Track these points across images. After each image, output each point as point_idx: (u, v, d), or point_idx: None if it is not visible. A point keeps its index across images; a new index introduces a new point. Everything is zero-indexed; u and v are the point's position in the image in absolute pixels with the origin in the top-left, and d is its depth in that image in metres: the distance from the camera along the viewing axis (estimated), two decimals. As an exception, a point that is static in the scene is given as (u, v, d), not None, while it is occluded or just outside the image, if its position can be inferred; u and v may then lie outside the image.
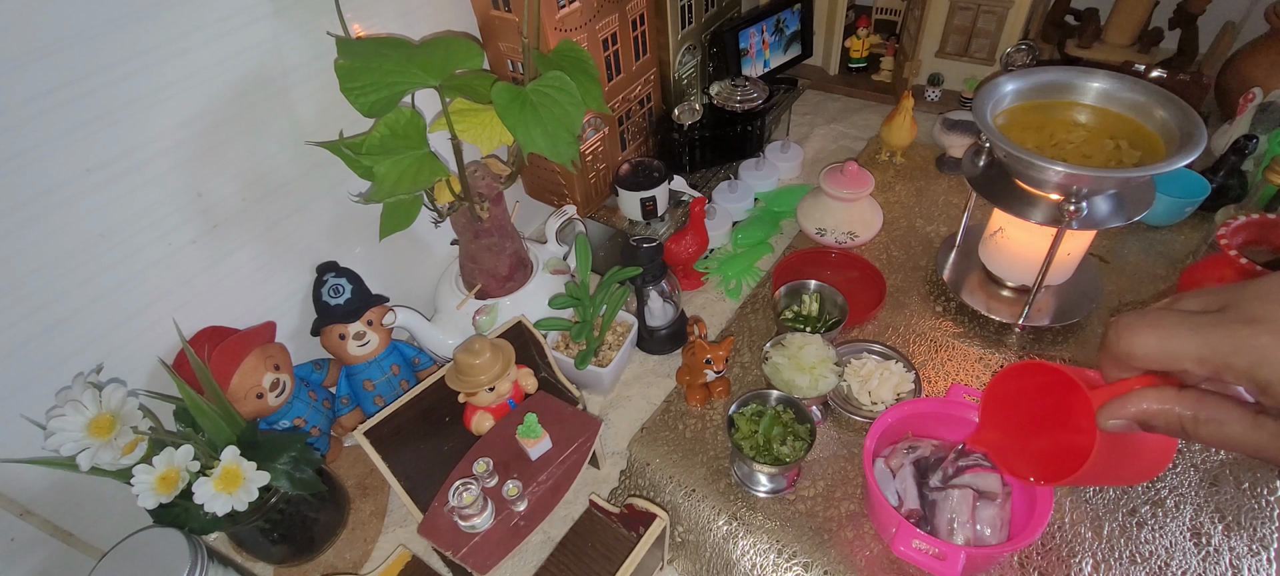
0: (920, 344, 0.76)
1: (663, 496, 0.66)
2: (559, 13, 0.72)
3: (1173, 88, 0.66)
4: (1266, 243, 0.68)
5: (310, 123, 0.66)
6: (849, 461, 0.65)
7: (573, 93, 0.56)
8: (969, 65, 1.12)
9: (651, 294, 0.76)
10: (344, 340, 0.69)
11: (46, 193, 0.51)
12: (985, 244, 0.79)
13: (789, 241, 0.94)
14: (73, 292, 0.56)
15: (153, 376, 0.63)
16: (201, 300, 0.64)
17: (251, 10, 0.59)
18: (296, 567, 0.66)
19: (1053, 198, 0.65)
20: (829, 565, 0.58)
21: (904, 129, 0.99)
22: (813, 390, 0.64)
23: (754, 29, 1.00)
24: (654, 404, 0.75)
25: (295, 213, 0.69)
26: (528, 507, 0.58)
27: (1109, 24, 1.09)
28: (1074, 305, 0.76)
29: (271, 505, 0.58)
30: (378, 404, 0.72)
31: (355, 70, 0.53)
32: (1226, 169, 0.84)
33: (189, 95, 0.57)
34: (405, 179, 0.55)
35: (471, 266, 0.75)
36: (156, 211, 0.59)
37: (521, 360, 0.70)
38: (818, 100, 1.25)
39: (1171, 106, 0.63)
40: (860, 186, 0.87)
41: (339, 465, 0.74)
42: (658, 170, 0.83)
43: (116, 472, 0.53)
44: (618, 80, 0.85)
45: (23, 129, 0.49)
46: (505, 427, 0.64)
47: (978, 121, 0.65)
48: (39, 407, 0.54)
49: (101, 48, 0.51)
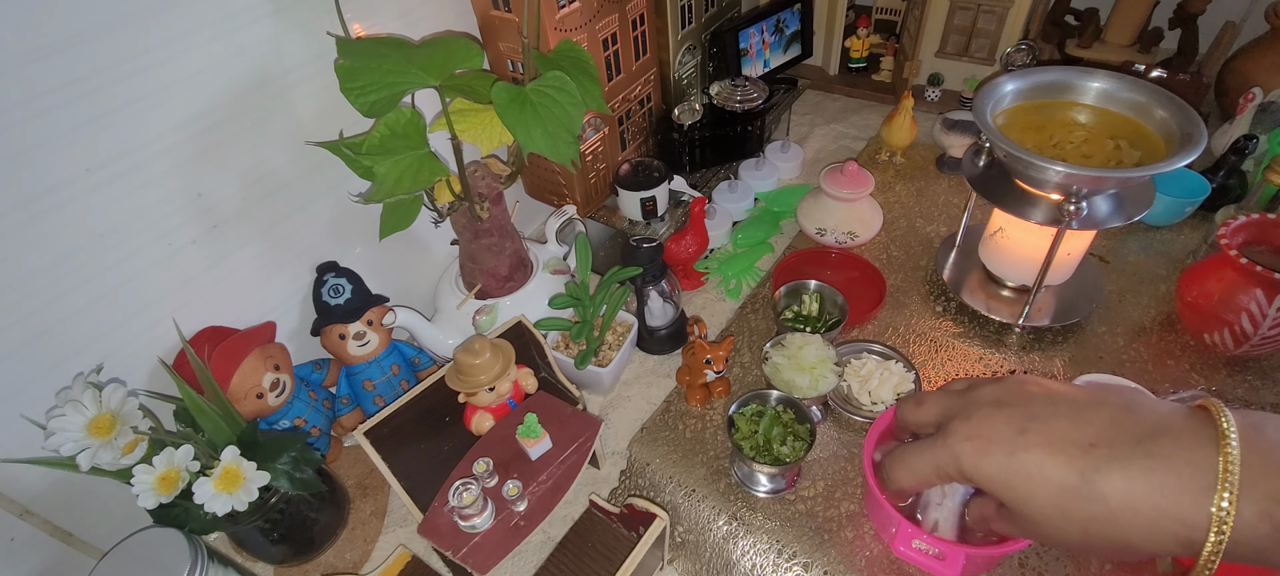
0: (920, 344, 0.76)
1: (663, 496, 0.66)
2: (559, 13, 0.72)
3: (1173, 88, 0.65)
4: (1266, 243, 0.68)
5: (310, 123, 0.66)
6: (849, 461, 0.65)
7: (573, 93, 0.56)
8: (969, 65, 1.12)
9: (651, 294, 0.76)
10: (344, 340, 0.69)
11: (47, 192, 0.51)
12: (985, 244, 0.79)
13: (789, 241, 0.94)
14: (73, 292, 0.56)
15: (153, 376, 0.63)
16: (201, 300, 0.64)
17: (251, 10, 0.59)
18: (296, 567, 0.66)
19: (1053, 198, 0.65)
20: (829, 565, 0.58)
21: (904, 129, 0.99)
22: (813, 390, 0.64)
23: (754, 29, 1.00)
24: (654, 404, 0.75)
25: (295, 213, 0.69)
26: (528, 507, 0.58)
27: (1109, 24, 1.09)
28: (1074, 305, 0.76)
29: (271, 505, 0.58)
30: (378, 404, 0.72)
31: (355, 70, 0.53)
32: (1226, 169, 0.84)
33: (189, 95, 0.57)
34: (405, 179, 0.55)
35: (471, 266, 0.75)
36: (156, 211, 0.59)
37: (521, 360, 0.70)
38: (818, 100, 1.25)
39: (1171, 106, 0.63)
40: (860, 186, 0.87)
41: (339, 465, 0.74)
42: (658, 170, 0.83)
43: (116, 472, 0.53)
44: (618, 80, 0.85)
45: (23, 128, 0.49)
46: (505, 427, 0.64)
47: (978, 121, 0.65)
48: (39, 407, 0.54)
49: (102, 48, 0.51)
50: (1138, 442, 0.33)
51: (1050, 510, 0.35)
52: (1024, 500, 0.36)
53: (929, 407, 0.44)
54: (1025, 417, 0.37)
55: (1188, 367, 0.70)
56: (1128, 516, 0.32)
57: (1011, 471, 0.36)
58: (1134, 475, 0.32)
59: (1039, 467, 0.35)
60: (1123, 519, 0.32)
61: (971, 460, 0.38)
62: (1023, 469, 0.35)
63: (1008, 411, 0.38)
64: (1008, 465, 0.36)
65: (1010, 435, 0.36)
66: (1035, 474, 0.35)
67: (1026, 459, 0.35)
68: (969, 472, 0.38)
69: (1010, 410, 0.38)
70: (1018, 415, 0.37)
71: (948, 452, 0.39)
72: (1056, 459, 0.34)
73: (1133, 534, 0.32)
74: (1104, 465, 0.33)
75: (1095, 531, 0.34)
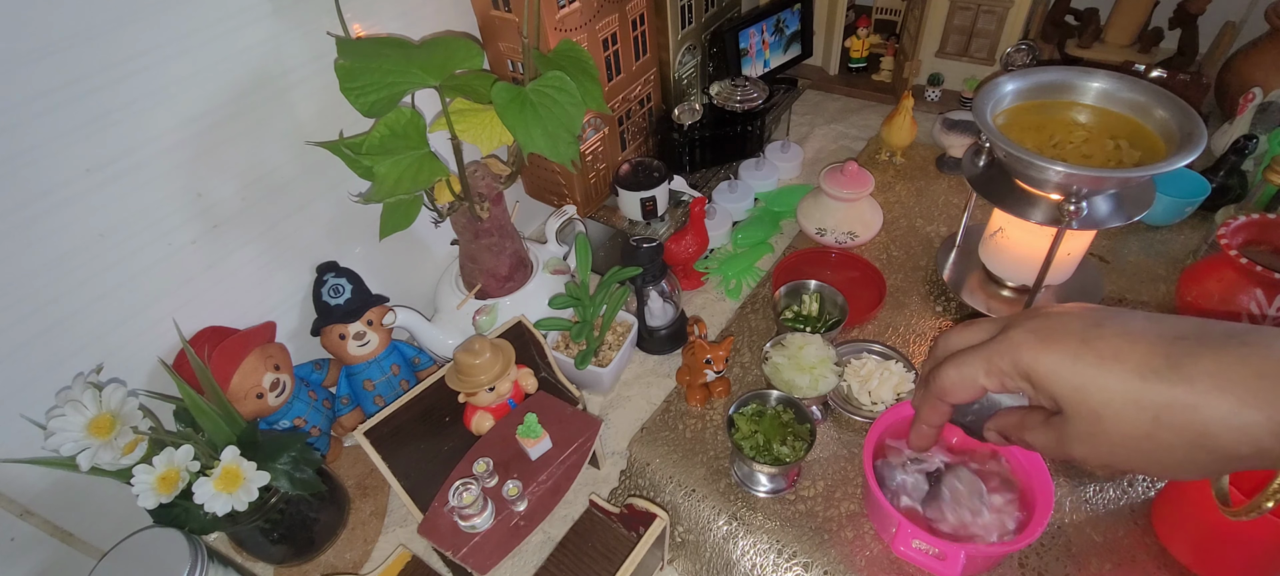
0: (920, 344, 0.76)
1: (663, 496, 0.66)
2: (559, 13, 0.72)
3: (1173, 88, 0.65)
4: (1266, 243, 0.68)
5: (310, 123, 0.66)
6: (849, 461, 0.65)
7: (573, 93, 0.56)
8: (969, 65, 1.12)
9: (651, 294, 0.76)
10: (344, 340, 0.69)
11: (47, 193, 0.51)
12: (985, 244, 0.79)
13: (789, 241, 0.94)
14: (73, 292, 0.56)
15: (153, 376, 0.63)
16: (201, 300, 0.64)
17: (251, 10, 0.59)
18: (296, 567, 0.66)
19: (1053, 198, 0.65)
20: (829, 565, 0.58)
21: (904, 129, 0.99)
22: (813, 390, 0.64)
23: (754, 29, 1.00)
24: (654, 404, 0.75)
25: (295, 213, 0.69)
26: (528, 507, 0.58)
27: (1109, 24, 1.09)
28: (1074, 305, 0.76)
29: (271, 505, 0.58)
30: (378, 404, 0.72)
31: (355, 70, 0.53)
32: (1226, 169, 0.84)
33: (189, 95, 0.57)
34: (405, 179, 0.55)
35: (471, 266, 0.75)
36: (156, 211, 0.59)
37: (521, 360, 0.70)
38: (818, 100, 1.25)
39: (1171, 106, 0.63)
40: (860, 186, 0.87)
41: (339, 465, 0.74)
42: (658, 170, 0.83)
43: (116, 472, 0.53)
44: (618, 80, 0.85)
45: (23, 129, 0.49)
46: (505, 427, 0.64)
47: (978, 121, 0.65)
48: (39, 407, 0.54)
49: (102, 48, 0.51)
50: (1229, 335, 0.30)
51: (1118, 398, 0.31)
52: (1089, 389, 0.32)
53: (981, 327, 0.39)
54: (1100, 314, 0.34)
55: (1188, 367, 0.70)
56: (1214, 398, 0.29)
57: (1081, 360, 0.32)
58: (1227, 360, 0.29)
59: (1116, 353, 0.31)
60: (1208, 401, 0.29)
61: (1032, 352, 0.34)
62: (1097, 355, 0.32)
63: (1079, 311, 0.34)
64: (1078, 354, 0.32)
65: (1082, 327, 0.33)
66: (1111, 360, 0.31)
67: (1101, 346, 0.32)
68: (1027, 365, 0.34)
69: (1081, 312, 0.34)
70: (1091, 313, 0.34)
71: (1005, 345, 0.35)
72: (1137, 345, 0.31)
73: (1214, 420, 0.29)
74: (1194, 349, 0.30)
75: (1169, 419, 0.30)
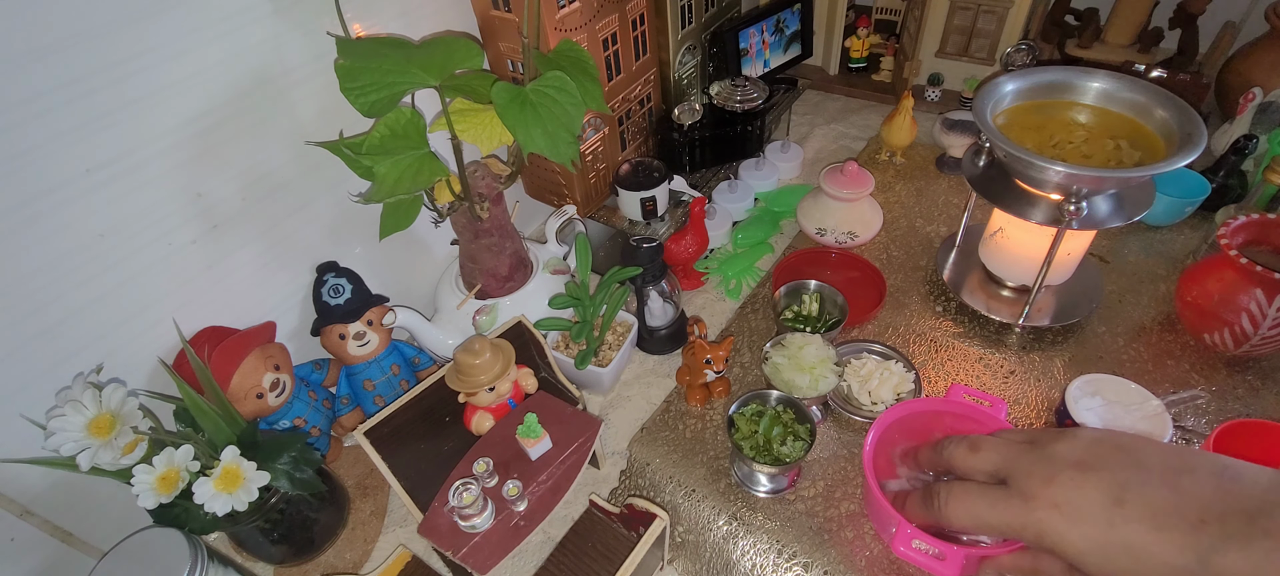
0: (920, 344, 0.76)
1: (663, 496, 0.66)
2: (559, 13, 0.72)
3: (1173, 88, 0.66)
4: (1266, 243, 0.68)
5: (310, 123, 0.66)
6: (849, 461, 0.65)
7: (573, 93, 0.56)
8: (969, 65, 1.12)
9: (651, 294, 0.76)
10: (344, 340, 0.69)
11: (47, 193, 0.51)
12: (985, 244, 0.79)
13: (789, 241, 0.94)
14: (73, 293, 0.56)
15: (153, 376, 0.63)
16: (201, 300, 0.64)
17: (251, 10, 0.59)
18: (296, 567, 0.66)
19: (1053, 198, 0.65)
20: (829, 565, 0.58)
21: (904, 129, 0.99)
22: (813, 390, 0.64)
23: (754, 29, 1.00)
24: (654, 404, 0.75)
25: (295, 213, 0.69)
26: (528, 507, 0.58)
27: (1109, 24, 1.09)
28: (1074, 305, 0.76)
29: (271, 505, 0.58)
30: (378, 404, 0.72)
31: (355, 70, 0.53)
32: (1226, 169, 0.84)
33: (189, 95, 0.57)
34: (405, 179, 0.55)
35: (471, 266, 0.75)
36: (156, 211, 0.59)
37: (521, 360, 0.70)
38: (818, 100, 1.25)
39: (1171, 106, 0.63)
40: (860, 186, 0.87)
41: (339, 465, 0.74)
42: (658, 170, 0.83)
43: (116, 472, 0.53)
44: (618, 80, 0.85)
45: (23, 129, 0.49)
46: (505, 427, 0.64)
47: (978, 121, 0.65)
48: (39, 407, 0.54)
49: (102, 48, 0.51)
50: (1252, 520, 0.30)
51: None
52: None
53: (987, 455, 0.41)
54: (1118, 486, 0.34)
55: (1188, 368, 0.70)
56: None
57: (1111, 547, 0.33)
58: (1256, 557, 0.30)
59: (1145, 547, 0.32)
60: None
61: (1059, 531, 0.35)
62: (1125, 545, 0.33)
63: (1095, 477, 0.35)
64: (1106, 540, 0.33)
65: (1104, 504, 0.34)
66: (1140, 552, 0.32)
67: (1128, 534, 0.33)
68: (1053, 542, 0.35)
69: (1098, 475, 0.35)
70: (1108, 482, 0.34)
71: (1029, 517, 0.36)
72: (1165, 537, 0.32)
73: None
74: (1221, 545, 0.31)
75: None
